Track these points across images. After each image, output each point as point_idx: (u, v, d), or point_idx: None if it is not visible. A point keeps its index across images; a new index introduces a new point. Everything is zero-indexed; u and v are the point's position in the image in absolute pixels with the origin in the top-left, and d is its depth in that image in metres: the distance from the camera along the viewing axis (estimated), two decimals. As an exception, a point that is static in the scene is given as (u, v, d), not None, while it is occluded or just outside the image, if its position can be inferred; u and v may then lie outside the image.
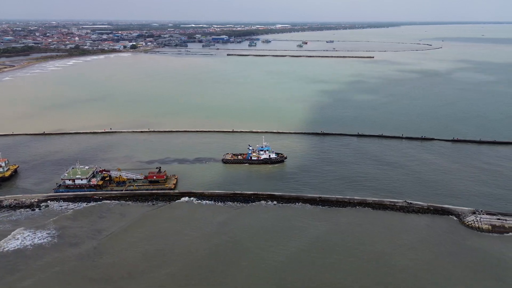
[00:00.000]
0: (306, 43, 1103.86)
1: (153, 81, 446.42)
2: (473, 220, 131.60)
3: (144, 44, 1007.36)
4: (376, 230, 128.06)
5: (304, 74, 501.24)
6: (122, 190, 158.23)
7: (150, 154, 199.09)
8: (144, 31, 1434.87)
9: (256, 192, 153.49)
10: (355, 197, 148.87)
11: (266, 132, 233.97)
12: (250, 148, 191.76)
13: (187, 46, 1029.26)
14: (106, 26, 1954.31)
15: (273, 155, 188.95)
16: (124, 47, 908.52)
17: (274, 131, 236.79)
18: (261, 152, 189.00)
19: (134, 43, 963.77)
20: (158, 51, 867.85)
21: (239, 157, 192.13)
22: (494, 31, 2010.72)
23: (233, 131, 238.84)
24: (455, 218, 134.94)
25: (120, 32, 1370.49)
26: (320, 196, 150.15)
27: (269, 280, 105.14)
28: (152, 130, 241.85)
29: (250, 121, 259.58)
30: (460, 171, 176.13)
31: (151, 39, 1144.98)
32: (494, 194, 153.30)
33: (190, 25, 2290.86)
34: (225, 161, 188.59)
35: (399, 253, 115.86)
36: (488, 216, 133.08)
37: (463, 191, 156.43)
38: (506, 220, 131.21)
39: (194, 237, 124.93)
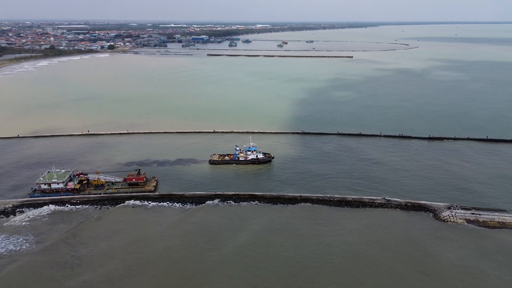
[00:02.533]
0: (286, 43, 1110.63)
1: (132, 82, 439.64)
2: (448, 215, 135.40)
3: (122, 44, 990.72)
4: (355, 227, 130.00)
5: (285, 74, 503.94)
6: (100, 194, 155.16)
7: (130, 156, 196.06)
8: (122, 31, 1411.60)
9: (237, 193, 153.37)
10: (335, 195, 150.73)
11: (249, 132, 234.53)
12: (237, 148, 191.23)
13: (166, 46, 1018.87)
14: (83, 26, 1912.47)
15: (260, 155, 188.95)
16: (102, 47, 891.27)
17: (257, 131, 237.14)
18: (249, 153, 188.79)
19: (112, 43, 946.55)
20: (137, 52, 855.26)
21: (226, 157, 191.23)
22: (466, 31, 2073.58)
23: (214, 132, 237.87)
24: (431, 214, 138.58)
25: (97, 32, 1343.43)
26: (301, 195, 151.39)
27: (251, 281, 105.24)
28: (131, 131, 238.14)
29: (232, 121, 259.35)
30: (436, 167, 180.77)
31: (130, 39, 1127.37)
32: (468, 189, 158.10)
33: (169, 25, 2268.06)
34: (212, 162, 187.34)
35: (377, 249, 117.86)
36: (462, 211, 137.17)
37: (440, 186, 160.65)
38: (480, 214, 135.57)
39: (174, 240, 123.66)
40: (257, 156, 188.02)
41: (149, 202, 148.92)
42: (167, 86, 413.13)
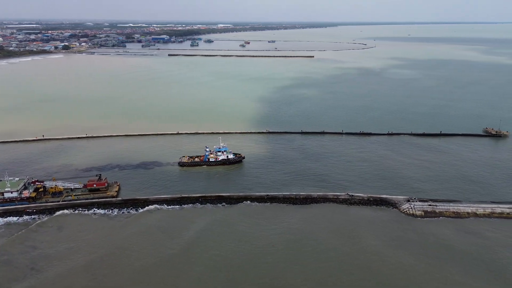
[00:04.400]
0: (249, 43, 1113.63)
1: (90, 83, 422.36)
2: (407, 208, 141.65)
3: (78, 44, 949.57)
4: (321, 224, 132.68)
5: (248, 73, 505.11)
6: (58, 201, 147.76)
7: (89, 161, 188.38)
8: (78, 31, 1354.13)
9: (203, 195, 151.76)
10: (301, 193, 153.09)
11: (214, 133, 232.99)
12: (207, 149, 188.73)
13: (125, 46, 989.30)
14: (34, 25, 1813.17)
15: (231, 156, 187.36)
16: (56, 47, 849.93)
17: (222, 131, 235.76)
18: (219, 153, 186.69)
19: (66, 44, 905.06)
20: (94, 52, 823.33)
21: (196, 159, 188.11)
22: (419, 31, 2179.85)
23: (178, 133, 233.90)
24: (392, 207, 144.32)
25: (50, 32, 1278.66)
26: (268, 194, 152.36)
27: (220, 282, 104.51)
28: (90, 135, 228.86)
29: (197, 122, 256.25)
30: (395, 162, 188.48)
31: (86, 39, 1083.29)
32: (426, 182, 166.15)
33: (127, 25, 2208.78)
34: (181, 164, 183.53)
35: (344, 244, 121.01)
36: (420, 203, 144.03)
37: (399, 180, 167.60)
38: (436, 205, 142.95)
39: (140, 245, 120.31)
40: (227, 156, 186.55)
41: (112, 207, 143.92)
42: (127, 87, 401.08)
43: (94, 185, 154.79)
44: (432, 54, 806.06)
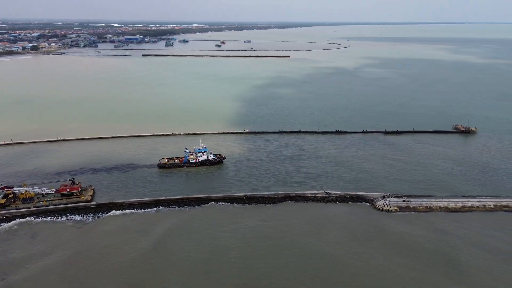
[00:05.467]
0: (224, 43, 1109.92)
1: (60, 85, 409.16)
2: (383, 204, 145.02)
3: (47, 45, 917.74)
4: (299, 222, 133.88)
5: (224, 74, 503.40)
6: (30, 208, 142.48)
7: (62, 166, 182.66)
8: (47, 31, 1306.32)
9: (181, 197, 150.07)
10: (279, 192, 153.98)
11: (191, 134, 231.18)
12: (187, 150, 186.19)
13: (97, 46, 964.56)
14: (0, 25, 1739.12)
15: (211, 156, 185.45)
16: (24, 48, 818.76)
17: (199, 132, 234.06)
18: (199, 154, 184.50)
19: (35, 44, 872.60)
20: (65, 53, 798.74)
21: (176, 160, 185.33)
22: (390, 31, 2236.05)
23: (154, 135, 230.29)
24: (368, 204, 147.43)
25: (17, 32, 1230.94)
26: (246, 194, 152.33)
27: (199, 284, 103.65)
28: (62, 138, 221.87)
29: (173, 123, 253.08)
30: (370, 160, 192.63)
31: (55, 39, 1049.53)
32: (400, 178, 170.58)
33: (99, 24, 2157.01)
34: (160, 166, 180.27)
35: (322, 241, 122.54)
36: (395, 199, 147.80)
37: (375, 177, 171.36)
38: (410, 201, 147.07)
39: (117, 251, 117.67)
40: (208, 157, 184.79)
41: (86, 212, 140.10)
42: (100, 88, 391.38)
43: (67, 190, 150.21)
44: (403, 54, 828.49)
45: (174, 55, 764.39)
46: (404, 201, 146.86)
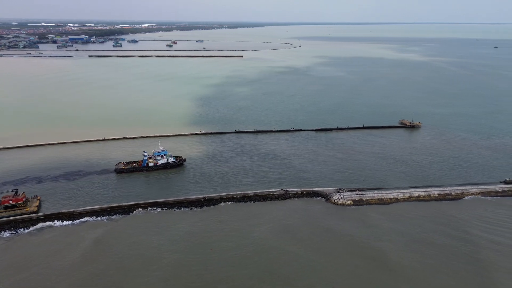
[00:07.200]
0: (176, 43, 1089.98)
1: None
2: (338, 198, 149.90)
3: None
4: (259, 220, 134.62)
5: (177, 74, 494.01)
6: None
7: (2, 176, 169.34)
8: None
9: (136, 202, 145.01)
10: (238, 192, 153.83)
11: (144, 137, 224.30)
12: (145, 154, 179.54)
13: (38, 47, 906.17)
14: None
15: (171, 159, 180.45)
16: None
17: (152, 135, 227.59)
18: (158, 157, 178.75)
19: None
20: (1, 55, 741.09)
21: (134, 165, 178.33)
22: (338, 31, 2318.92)
23: (104, 139, 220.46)
24: (324, 199, 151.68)
25: None
26: (205, 196, 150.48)
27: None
28: (1, 147, 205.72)
29: (125, 126, 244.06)
30: (324, 155, 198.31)
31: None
32: (354, 172, 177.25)
33: (40, 24, 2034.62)
34: (118, 171, 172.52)
35: (281, 239, 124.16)
36: (349, 193, 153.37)
37: (331, 172, 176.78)
38: (363, 194, 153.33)
39: (67, 262, 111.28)
40: (167, 160, 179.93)
41: (32, 224, 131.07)
42: (43, 92, 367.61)
43: (10, 202, 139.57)
44: (351, 53, 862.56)
45: (123, 56, 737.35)
46: (357, 194, 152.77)
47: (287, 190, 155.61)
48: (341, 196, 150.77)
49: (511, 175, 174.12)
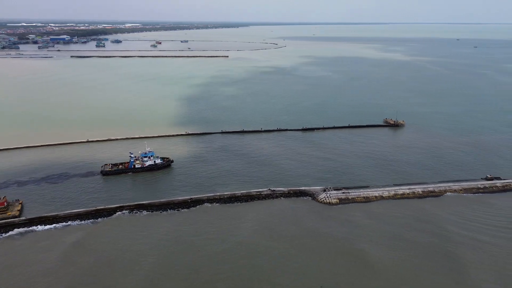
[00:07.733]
0: (160, 43, 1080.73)
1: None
2: (324, 197, 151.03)
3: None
4: (246, 220, 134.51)
5: (161, 74, 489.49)
6: None
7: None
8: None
9: (122, 205, 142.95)
10: (225, 193, 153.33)
11: (129, 138, 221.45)
12: (132, 155, 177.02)
13: (18, 48, 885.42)
14: None
15: (158, 161, 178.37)
16: None
17: (138, 136, 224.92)
18: (145, 159, 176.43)
19: None
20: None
21: (120, 166, 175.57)
22: (322, 31, 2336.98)
23: (88, 141, 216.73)
24: (311, 198, 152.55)
25: None
26: (191, 197, 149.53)
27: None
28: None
29: (110, 128, 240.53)
30: (310, 155, 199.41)
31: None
32: (341, 170, 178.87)
33: (20, 24, 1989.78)
34: (104, 173, 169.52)
35: (269, 238, 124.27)
36: (335, 192, 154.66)
37: (317, 171, 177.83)
38: (349, 192, 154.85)
39: (48, 266, 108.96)
40: (154, 161, 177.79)
41: (14, 228, 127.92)
42: (23, 93, 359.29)
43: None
44: (336, 52, 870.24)
45: (107, 56, 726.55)
46: (343, 193, 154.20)
47: (274, 190, 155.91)
48: (328, 195, 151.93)
49: (492, 171, 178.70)
